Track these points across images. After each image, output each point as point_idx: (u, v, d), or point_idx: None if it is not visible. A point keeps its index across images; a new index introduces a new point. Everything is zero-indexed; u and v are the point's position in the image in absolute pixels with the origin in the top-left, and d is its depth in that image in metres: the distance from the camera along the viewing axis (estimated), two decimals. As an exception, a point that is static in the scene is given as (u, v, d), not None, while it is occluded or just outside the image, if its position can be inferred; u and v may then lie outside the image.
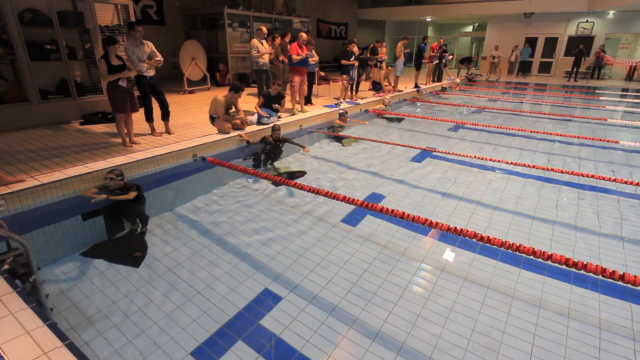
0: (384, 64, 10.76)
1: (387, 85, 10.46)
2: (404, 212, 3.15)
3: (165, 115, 5.57)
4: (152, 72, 5.32)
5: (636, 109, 9.51)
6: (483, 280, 2.76)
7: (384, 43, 10.88)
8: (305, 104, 7.99)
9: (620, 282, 2.30)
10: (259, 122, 6.22)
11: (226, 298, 2.52)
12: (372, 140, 6.31)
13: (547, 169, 4.84)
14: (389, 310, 2.44)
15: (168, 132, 5.59)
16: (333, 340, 2.19)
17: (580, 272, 2.48)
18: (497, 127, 7.31)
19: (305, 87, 7.84)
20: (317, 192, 3.68)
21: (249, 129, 5.88)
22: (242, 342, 2.16)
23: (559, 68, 17.82)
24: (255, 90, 8.84)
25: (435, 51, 12.70)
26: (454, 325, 2.32)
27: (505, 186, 4.57)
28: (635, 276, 2.25)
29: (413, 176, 4.87)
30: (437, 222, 3.01)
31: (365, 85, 11.41)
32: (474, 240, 2.82)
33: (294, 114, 7.25)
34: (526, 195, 4.28)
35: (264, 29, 7.27)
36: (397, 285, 2.69)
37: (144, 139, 5.24)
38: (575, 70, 15.85)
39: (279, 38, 8.38)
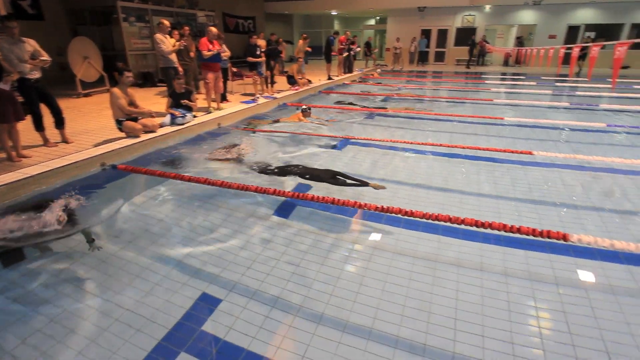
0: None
1: (301, 79, 10.59)
2: (333, 198, 3.26)
3: (60, 123, 4.92)
4: (37, 74, 4.63)
5: (514, 90, 11.12)
6: (410, 250, 3.02)
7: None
8: (221, 101, 7.72)
9: (517, 235, 2.71)
10: (173, 123, 5.84)
11: (160, 310, 2.36)
12: (293, 133, 6.36)
13: (450, 146, 5.43)
14: (330, 293, 2.53)
15: (65, 141, 4.94)
16: (279, 332, 2.21)
17: (487, 230, 2.85)
18: (407, 112, 7.93)
19: (221, 84, 7.56)
20: (245, 188, 3.61)
21: (164, 130, 5.49)
22: (185, 353, 2.06)
23: (451, 57, 20.00)
24: (163, 89, 8.25)
25: (344, 44, 13.22)
26: (389, 295, 2.50)
27: (418, 164, 5.02)
28: (529, 227, 2.67)
29: (337, 164, 5.04)
30: (365, 203, 3.18)
31: (281, 79, 11.39)
32: (398, 215, 3.05)
33: (210, 112, 6.96)
34: (436, 170, 4.77)
35: (166, 23, 6.79)
36: (335, 268, 2.80)
37: (36, 151, 4.56)
38: (470, 58, 17.96)
39: (188, 30, 7.86)
